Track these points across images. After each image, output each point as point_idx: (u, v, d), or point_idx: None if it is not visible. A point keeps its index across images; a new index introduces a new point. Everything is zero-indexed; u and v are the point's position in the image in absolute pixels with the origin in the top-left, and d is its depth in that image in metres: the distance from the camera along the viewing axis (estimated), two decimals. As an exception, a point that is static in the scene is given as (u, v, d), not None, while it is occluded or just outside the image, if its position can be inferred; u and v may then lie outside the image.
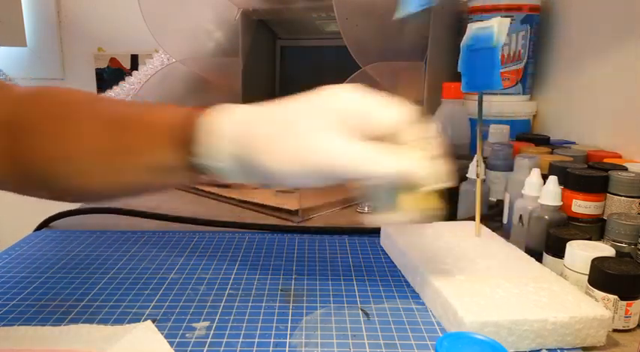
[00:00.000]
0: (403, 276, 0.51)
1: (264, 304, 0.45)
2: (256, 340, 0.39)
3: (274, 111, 0.39)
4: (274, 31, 1.20)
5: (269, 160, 0.37)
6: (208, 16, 1.08)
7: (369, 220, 0.39)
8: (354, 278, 0.50)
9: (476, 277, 0.44)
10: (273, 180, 0.38)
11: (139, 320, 0.41)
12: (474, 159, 0.59)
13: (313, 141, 0.36)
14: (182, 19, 1.05)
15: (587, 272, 0.42)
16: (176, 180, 0.45)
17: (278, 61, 1.23)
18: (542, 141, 0.78)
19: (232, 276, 0.50)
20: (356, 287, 0.48)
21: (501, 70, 0.72)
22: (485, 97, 0.52)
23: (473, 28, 0.50)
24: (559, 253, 0.47)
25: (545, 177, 0.53)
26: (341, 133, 0.36)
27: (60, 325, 0.40)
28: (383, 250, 0.58)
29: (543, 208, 0.51)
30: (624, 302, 0.40)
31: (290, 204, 0.70)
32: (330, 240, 0.61)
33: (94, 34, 1.45)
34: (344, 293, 0.47)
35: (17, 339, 0.38)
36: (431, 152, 0.36)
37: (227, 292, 0.47)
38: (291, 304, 0.45)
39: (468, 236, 0.55)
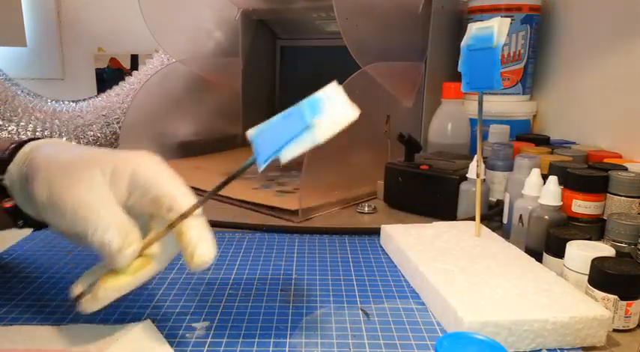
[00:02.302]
0: (403, 276, 0.51)
1: (264, 304, 0.45)
2: (256, 340, 0.39)
3: (76, 150, 0.40)
4: (274, 31, 1.20)
5: (36, 187, 0.37)
6: (208, 16, 1.08)
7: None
8: (354, 278, 0.50)
9: (476, 277, 0.44)
10: (37, 209, 0.38)
11: (139, 320, 0.41)
12: (474, 159, 0.59)
13: (75, 185, 0.36)
14: (182, 19, 1.05)
15: (587, 272, 0.42)
16: None
17: (278, 61, 1.23)
18: (542, 141, 0.78)
19: (232, 276, 0.50)
20: (356, 287, 0.48)
21: (501, 70, 0.72)
22: (485, 97, 0.52)
23: (473, 28, 0.50)
24: (559, 253, 0.47)
25: (545, 177, 0.53)
26: (106, 189, 0.36)
27: (60, 325, 0.40)
28: (383, 250, 0.58)
29: (543, 208, 0.51)
30: (624, 302, 0.40)
31: (290, 204, 0.70)
32: (330, 240, 0.60)
33: (94, 34, 1.45)
34: (344, 293, 0.47)
35: (17, 339, 0.38)
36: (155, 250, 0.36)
37: (227, 292, 0.47)
38: (291, 304, 0.45)
39: (468, 236, 0.55)
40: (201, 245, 0.34)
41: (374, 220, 0.69)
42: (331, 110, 0.33)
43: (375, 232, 0.61)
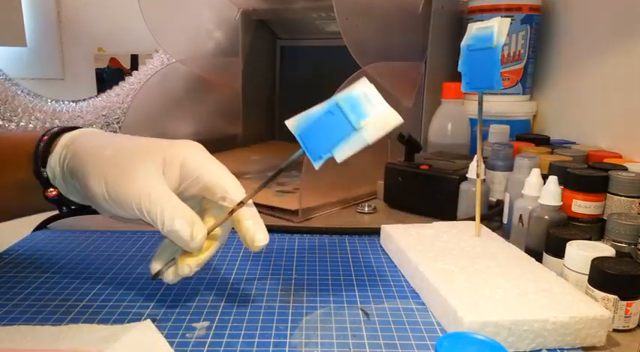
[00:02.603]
0: (403, 276, 0.51)
1: (264, 304, 0.45)
2: (256, 340, 0.39)
3: (119, 141, 0.43)
4: (274, 31, 1.20)
5: (91, 184, 0.40)
6: (208, 16, 1.08)
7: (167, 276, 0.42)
8: (354, 278, 0.50)
9: (476, 277, 0.44)
10: (94, 201, 0.41)
11: (139, 320, 0.41)
12: (474, 159, 0.59)
13: (132, 179, 0.39)
14: (182, 19, 1.05)
15: (587, 272, 0.42)
16: (31, 199, 0.46)
17: (278, 61, 1.23)
18: (542, 141, 0.78)
19: (232, 276, 0.50)
20: (356, 287, 0.48)
21: (501, 70, 0.72)
22: (485, 97, 0.52)
23: (473, 28, 0.50)
24: (559, 253, 0.47)
25: (545, 177, 0.53)
26: (162, 181, 0.40)
27: (60, 325, 0.40)
28: (383, 250, 0.58)
29: (543, 208, 0.51)
30: (624, 302, 0.40)
31: (290, 204, 0.70)
32: (330, 240, 0.60)
33: (94, 34, 1.45)
34: (344, 293, 0.47)
35: (17, 339, 0.38)
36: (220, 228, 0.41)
37: (227, 292, 0.47)
38: (291, 304, 0.45)
39: (468, 236, 0.55)
40: (258, 233, 0.40)
41: (374, 220, 0.69)
42: (374, 113, 0.35)
43: (375, 232, 0.61)
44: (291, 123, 0.38)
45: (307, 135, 0.37)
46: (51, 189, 0.44)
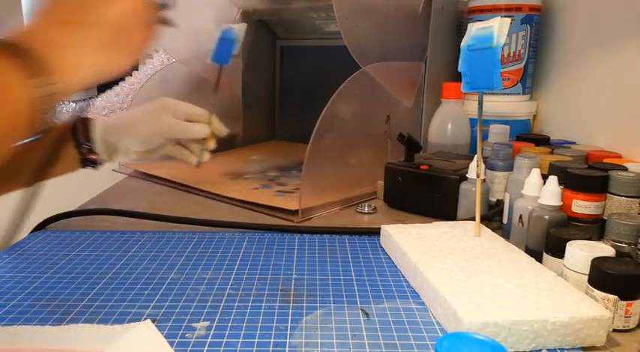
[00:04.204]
0: (403, 276, 0.51)
1: (264, 304, 0.45)
2: (256, 340, 0.39)
3: (128, 112, 0.72)
4: (274, 31, 1.20)
5: (140, 129, 0.67)
6: (208, 16, 1.08)
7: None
8: (354, 278, 0.50)
9: (476, 277, 0.44)
10: (140, 144, 0.67)
11: (139, 320, 0.41)
12: (474, 159, 0.59)
13: (159, 117, 0.68)
14: (182, 19, 1.05)
15: (587, 272, 0.42)
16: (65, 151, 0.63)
17: (278, 61, 1.23)
18: (542, 141, 0.78)
19: (232, 276, 0.50)
20: (356, 287, 0.48)
21: (501, 70, 0.72)
22: (485, 97, 0.52)
23: (473, 28, 0.50)
24: (559, 253, 0.47)
25: (545, 177, 0.53)
26: (170, 115, 0.69)
27: (60, 325, 0.40)
28: (383, 250, 0.58)
29: (543, 208, 0.51)
30: (624, 302, 0.40)
31: (290, 204, 0.70)
32: (330, 240, 0.61)
33: (94, 34, 1.44)
34: (344, 293, 0.47)
35: (17, 339, 0.38)
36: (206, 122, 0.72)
37: (227, 292, 0.47)
38: (291, 304, 0.45)
39: (468, 236, 0.55)
40: (221, 127, 0.75)
41: (374, 220, 0.69)
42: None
43: (375, 232, 0.61)
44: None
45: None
46: (92, 154, 0.62)
